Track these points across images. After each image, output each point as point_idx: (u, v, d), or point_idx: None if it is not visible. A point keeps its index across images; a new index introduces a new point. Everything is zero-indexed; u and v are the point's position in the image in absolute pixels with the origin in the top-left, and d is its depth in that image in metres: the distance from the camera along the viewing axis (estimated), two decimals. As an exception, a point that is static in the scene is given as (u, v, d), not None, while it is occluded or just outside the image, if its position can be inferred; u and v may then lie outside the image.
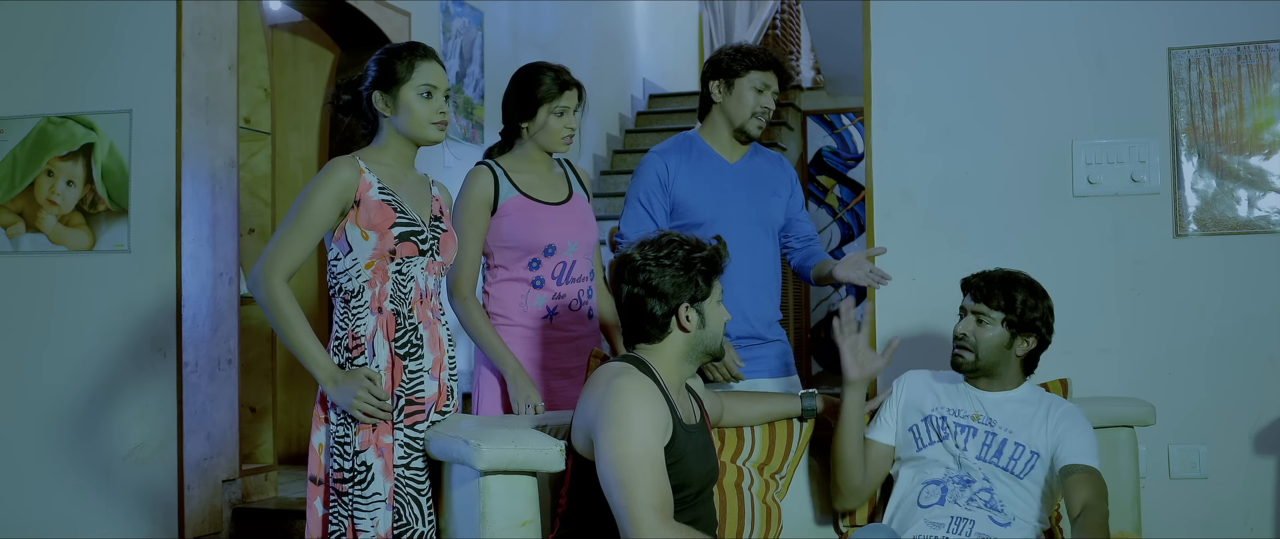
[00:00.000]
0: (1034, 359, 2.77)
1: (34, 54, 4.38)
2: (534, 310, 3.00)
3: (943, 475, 2.69)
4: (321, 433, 2.63)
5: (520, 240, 2.97)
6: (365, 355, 2.56)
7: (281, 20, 5.61)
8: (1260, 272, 3.55)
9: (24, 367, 4.36)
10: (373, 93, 2.63)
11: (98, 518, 4.25)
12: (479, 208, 2.97)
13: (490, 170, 3.01)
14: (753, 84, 3.09)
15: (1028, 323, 2.71)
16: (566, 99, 3.00)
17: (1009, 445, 2.68)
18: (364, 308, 2.58)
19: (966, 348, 2.72)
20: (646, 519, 2.17)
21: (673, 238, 2.43)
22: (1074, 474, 2.61)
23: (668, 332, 2.41)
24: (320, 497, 2.63)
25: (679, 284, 2.38)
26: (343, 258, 2.59)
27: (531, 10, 6.98)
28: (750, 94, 3.10)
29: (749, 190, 3.15)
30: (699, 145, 3.17)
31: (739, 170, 3.16)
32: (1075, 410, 2.74)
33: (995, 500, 2.63)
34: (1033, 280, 2.75)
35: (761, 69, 3.09)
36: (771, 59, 3.13)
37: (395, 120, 2.63)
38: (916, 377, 2.86)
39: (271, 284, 2.52)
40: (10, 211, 4.40)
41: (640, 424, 2.24)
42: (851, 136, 8.21)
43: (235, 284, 4.45)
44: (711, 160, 3.15)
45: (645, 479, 2.20)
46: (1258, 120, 3.55)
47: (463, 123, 5.93)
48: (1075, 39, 3.66)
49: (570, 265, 3.02)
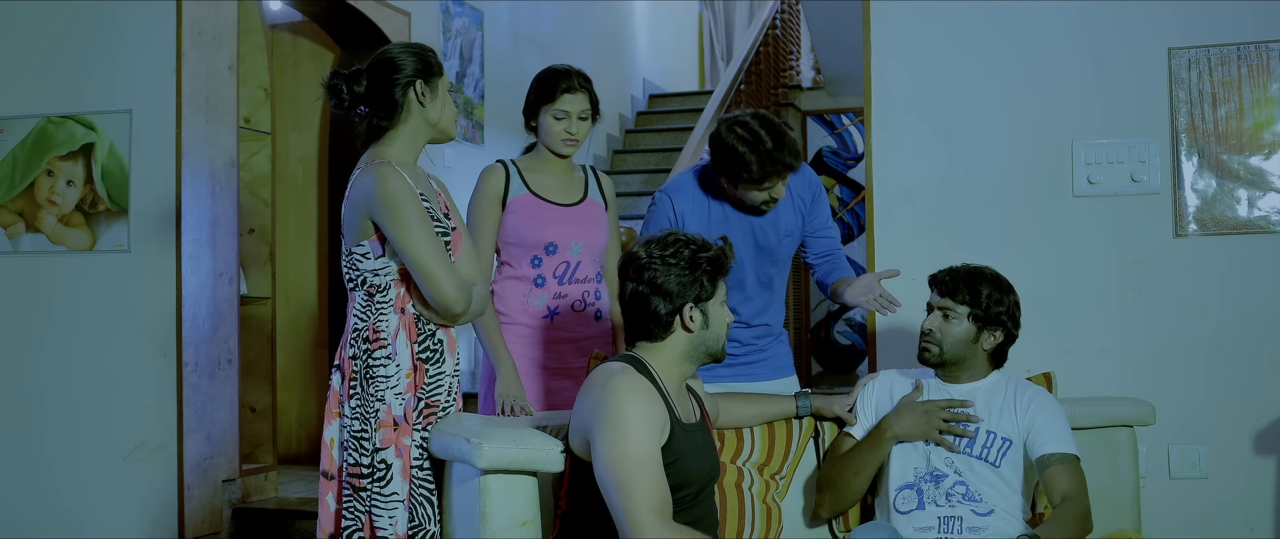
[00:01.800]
0: (1002, 353, 2.77)
1: (34, 54, 4.38)
2: (534, 309, 3.01)
3: (913, 477, 2.69)
4: (334, 427, 2.62)
5: (522, 236, 2.99)
6: (386, 352, 2.55)
7: (281, 20, 5.61)
8: (1260, 271, 3.55)
9: (24, 366, 4.36)
10: (416, 82, 2.61)
11: (98, 518, 4.25)
12: (490, 203, 3.00)
13: (504, 167, 3.04)
14: (755, 188, 2.91)
15: (993, 317, 2.71)
16: (564, 103, 3.00)
17: (981, 434, 2.68)
18: (388, 305, 2.57)
19: (933, 342, 2.73)
20: (645, 521, 2.17)
21: (679, 237, 2.43)
22: (1053, 466, 2.60)
23: (671, 331, 2.41)
24: (333, 492, 2.62)
25: (684, 283, 2.38)
26: (373, 256, 2.58)
27: (531, 10, 6.98)
28: (754, 193, 2.93)
29: (756, 231, 3.06)
30: (710, 185, 3.05)
31: (746, 215, 3.05)
32: (1043, 393, 2.73)
33: (971, 492, 2.63)
34: (999, 275, 2.75)
35: (756, 186, 2.88)
36: (767, 171, 2.84)
37: (431, 110, 2.63)
38: (887, 375, 2.87)
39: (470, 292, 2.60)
40: (10, 211, 4.40)
41: (636, 425, 2.24)
42: (851, 136, 8.20)
43: (235, 284, 4.45)
44: (719, 203, 3.05)
45: (642, 480, 2.20)
46: (1258, 120, 3.55)
47: (463, 123, 5.93)
48: (1075, 39, 3.66)
49: (574, 266, 3.03)
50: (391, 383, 2.55)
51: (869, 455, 2.72)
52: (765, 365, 3.18)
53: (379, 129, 2.64)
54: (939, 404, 2.70)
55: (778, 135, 2.84)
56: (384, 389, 2.54)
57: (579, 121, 3.02)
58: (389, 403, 2.54)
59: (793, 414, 2.86)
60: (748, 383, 3.11)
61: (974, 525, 2.60)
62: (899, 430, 2.70)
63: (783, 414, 2.86)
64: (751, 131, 2.84)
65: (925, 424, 2.68)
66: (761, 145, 2.83)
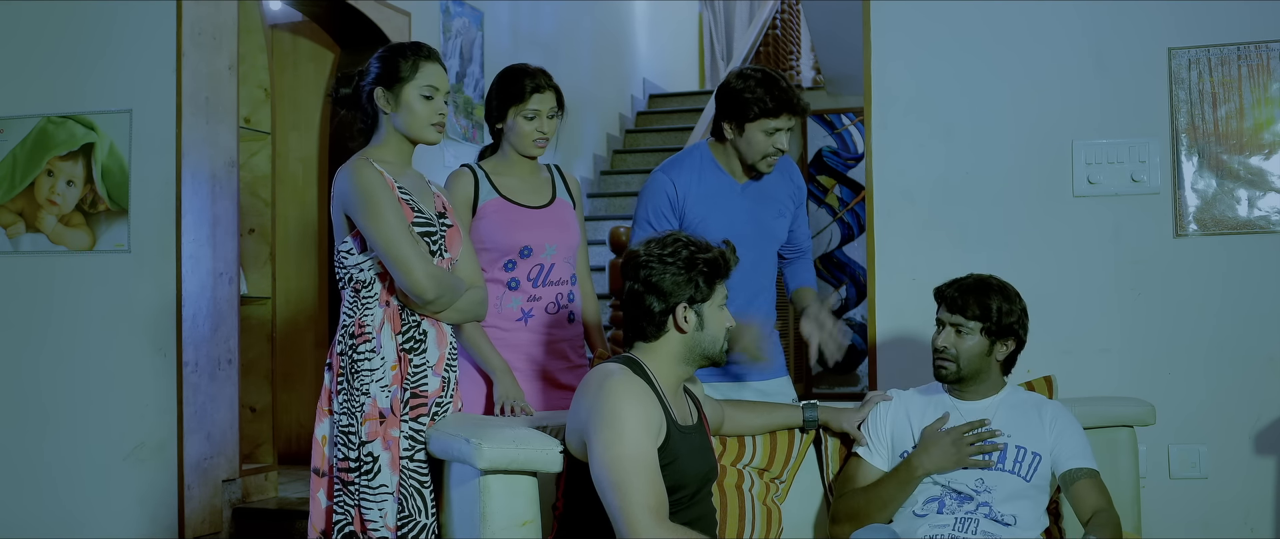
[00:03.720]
0: (1012, 361, 2.77)
1: (34, 54, 4.38)
2: (508, 312, 2.98)
3: (939, 492, 2.68)
4: (325, 424, 2.64)
5: (496, 242, 2.96)
6: (370, 345, 2.57)
7: (281, 20, 5.61)
8: (1260, 271, 3.54)
9: (24, 366, 4.36)
10: (375, 89, 2.64)
11: (98, 518, 4.25)
12: (460, 209, 2.96)
13: (471, 172, 3.01)
14: (763, 129, 3.00)
15: (1006, 328, 2.70)
16: (535, 103, 2.97)
17: (1011, 449, 2.67)
18: (374, 300, 2.59)
19: (948, 359, 2.71)
20: (642, 521, 2.17)
21: (680, 237, 2.42)
22: (1080, 480, 2.62)
23: (664, 331, 2.41)
24: (324, 488, 2.64)
25: (679, 283, 2.38)
26: (356, 252, 2.60)
27: (531, 10, 6.98)
28: (760, 137, 3.01)
29: (755, 210, 3.12)
30: (709, 162, 3.11)
31: (746, 190, 3.12)
32: (1064, 410, 2.75)
33: (995, 512, 2.63)
34: (1005, 283, 2.75)
35: (772, 116, 2.98)
36: (782, 103, 2.98)
37: (395, 118, 2.64)
38: (902, 398, 2.82)
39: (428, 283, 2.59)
40: (10, 211, 4.40)
41: (632, 425, 2.24)
42: (851, 136, 8.20)
43: (235, 284, 4.45)
44: (719, 179, 3.10)
45: (638, 481, 2.20)
46: (1258, 120, 3.55)
47: (463, 123, 5.93)
48: (1075, 39, 3.66)
49: (547, 268, 3.00)
50: (376, 376, 2.56)
51: (897, 491, 2.68)
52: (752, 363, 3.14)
53: (366, 131, 2.70)
54: (962, 430, 2.68)
55: (781, 76, 3.03)
56: (369, 383, 2.56)
57: (548, 120, 3.00)
58: (374, 395, 2.56)
59: (799, 425, 2.85)
60: (734, 383, 3.08)
61: (990, 532, 2.60)
62: (930, 466, 2.66)
63: (789, 424, 2.85)
64: (762, 72, 3.02)
65: (956, 455, 2.65)
66: (774, 81, 2.99)
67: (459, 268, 2.70)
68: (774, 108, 2.97)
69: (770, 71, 3.04)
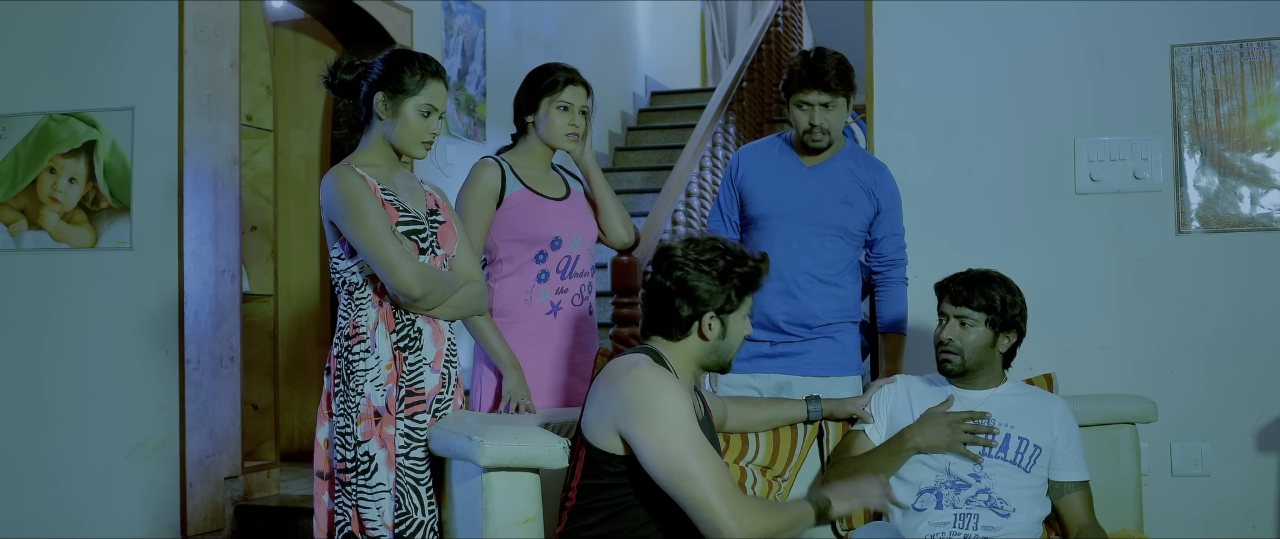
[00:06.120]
0: (1012, 354, 2.79)
1: (36, 51, 4.38)
2: (538, 306, 2.99)
3: (934, 483, 2.69)
4: (326, 428, 2.65)
5: (528, 232, 2.96)
6: (364, 346, 2.57)
7: (283, 17, 5.61)
8: (1263, 269, 3.54)
9: (26, 364, 4.36)
10: (376, 92, 2.63)
11: (100, 516, 4.25)
12: (486, 199, 2.96)
13: (497, 164, 3.01)
14: (796, 102, 3.13)
15: (1010, 320, 2.72)
16: (569, 95, 3.00)
17: (1013, 440, 2.68)
18: (367, 300, 2.60)
19: (952, 352, 2.72)
20: (725, 502, 2.18)
21: (718, 244, 2.40)
22: (1072, 492, 2.69)
23: (687, 334, 2.40)
24: (327, 491, 2.65)
25: (712, 292, 2.37)
26: (346, 258, 2.61)
27: (533, 8, 6.98)
28: (797, 112, 3.14)
29: (814, 192, 3.16)
30: (783, 143, 3.27)
31: (811, 172, 3.19)
32: (1069, 412, 2.76)
33: (994, 500, 2.64)
34: (1005, 277, 2.76)
35: (801, 90, 3.10)
36: (808, 77, 3.08)
37: (388, 125, 2.63)
38: (904, 380, 2.86)
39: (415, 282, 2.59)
40: (13, 209, 4.40)
41: (677, 415, 2.24)
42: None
43: (237, 281, 4.45)
44: (787, 159, 3.22)
45: (707, 468, 2.21)
46: (1260, 117, 3.55)
47: (464, 120, 5.93)
48: (1077, 37, 3.66)
49: (574, 259, 3.02)
50: (371, 375, 2.57)
51: (887, 462, 2.71)
52: (806, 358, 3.14)
53: (356, 125, 2.71)
54: (961, 416, 2.69)
55: (829, 55, 3.12)
56: (364, 382, 2.56)
57: (581, 115, 3.02)
58: (369, 394, 2.56)
59: (803, 419, 2.86)
60: (800, 377, 3.11)
61: (991, 524, 2.61)
62: (922, 442, 2.69)
63: (793, 418, 2.86)
64: (818, 50, 3.14)
65: (949, 436, 2.67)
66: (811, 58, 3.11)
67: (456, 263, 2.70)
68: (799, 82, 3.09)
69: (829, 51, 3.13)
